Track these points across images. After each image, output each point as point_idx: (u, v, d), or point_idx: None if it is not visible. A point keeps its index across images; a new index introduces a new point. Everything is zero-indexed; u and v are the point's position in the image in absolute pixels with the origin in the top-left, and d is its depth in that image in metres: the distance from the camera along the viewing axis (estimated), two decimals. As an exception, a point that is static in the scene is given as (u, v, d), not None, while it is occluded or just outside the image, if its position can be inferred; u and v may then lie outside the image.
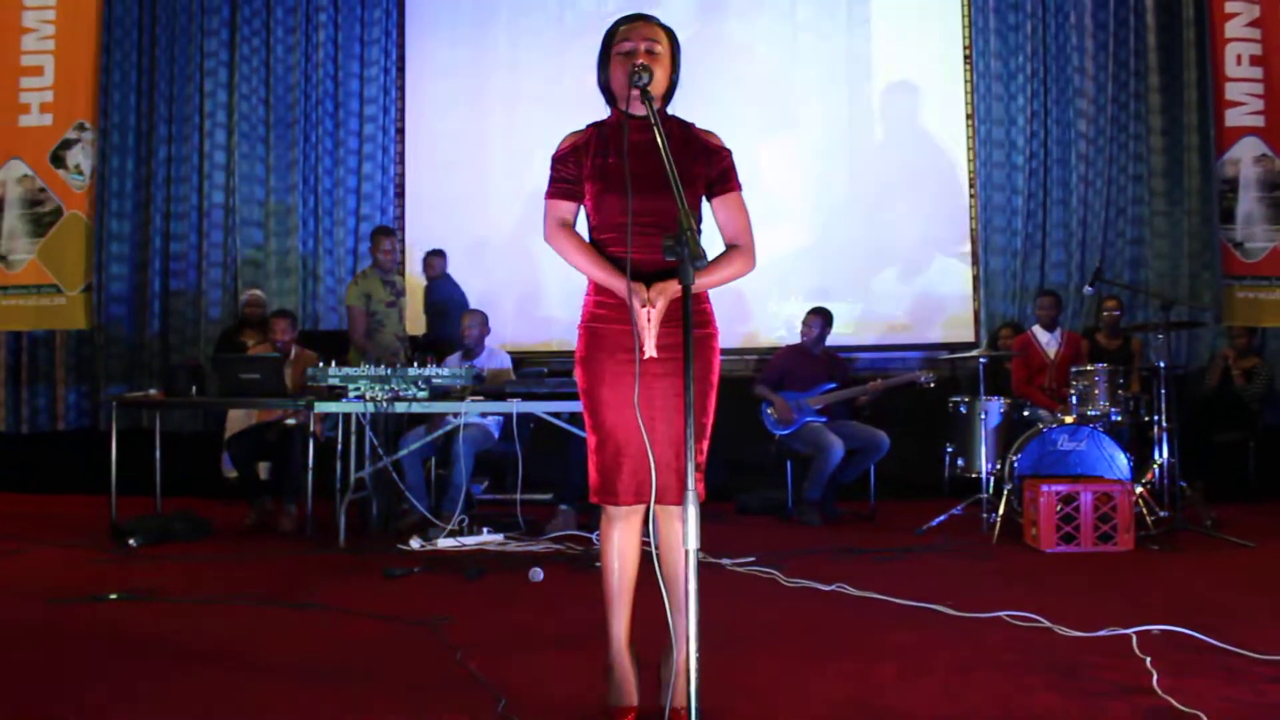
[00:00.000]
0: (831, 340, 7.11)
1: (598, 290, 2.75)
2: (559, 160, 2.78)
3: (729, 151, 2.80)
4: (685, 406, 2.22)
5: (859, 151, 8.69)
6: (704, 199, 2.79)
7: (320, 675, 3.25)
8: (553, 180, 2.78)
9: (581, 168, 2.74)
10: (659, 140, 2.44)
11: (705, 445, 2.74)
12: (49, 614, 4.10)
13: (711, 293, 2.82)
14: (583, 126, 2.81)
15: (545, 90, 8.65)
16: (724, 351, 2.87)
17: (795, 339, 7.10)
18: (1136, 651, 3.35)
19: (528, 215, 8.31)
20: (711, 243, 2.72)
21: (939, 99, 8.60)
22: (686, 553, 2.19)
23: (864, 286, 8.57)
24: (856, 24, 8.69)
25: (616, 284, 2.64)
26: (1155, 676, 3.06)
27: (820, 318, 6.95)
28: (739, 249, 2.76)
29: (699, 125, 2.82)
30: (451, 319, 7.39)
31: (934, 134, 8.61)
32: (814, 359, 6.91)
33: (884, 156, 8.66)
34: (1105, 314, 7.34)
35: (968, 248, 8.54)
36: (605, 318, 2.72)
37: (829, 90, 8.72)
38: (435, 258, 8.04)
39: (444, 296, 7.84)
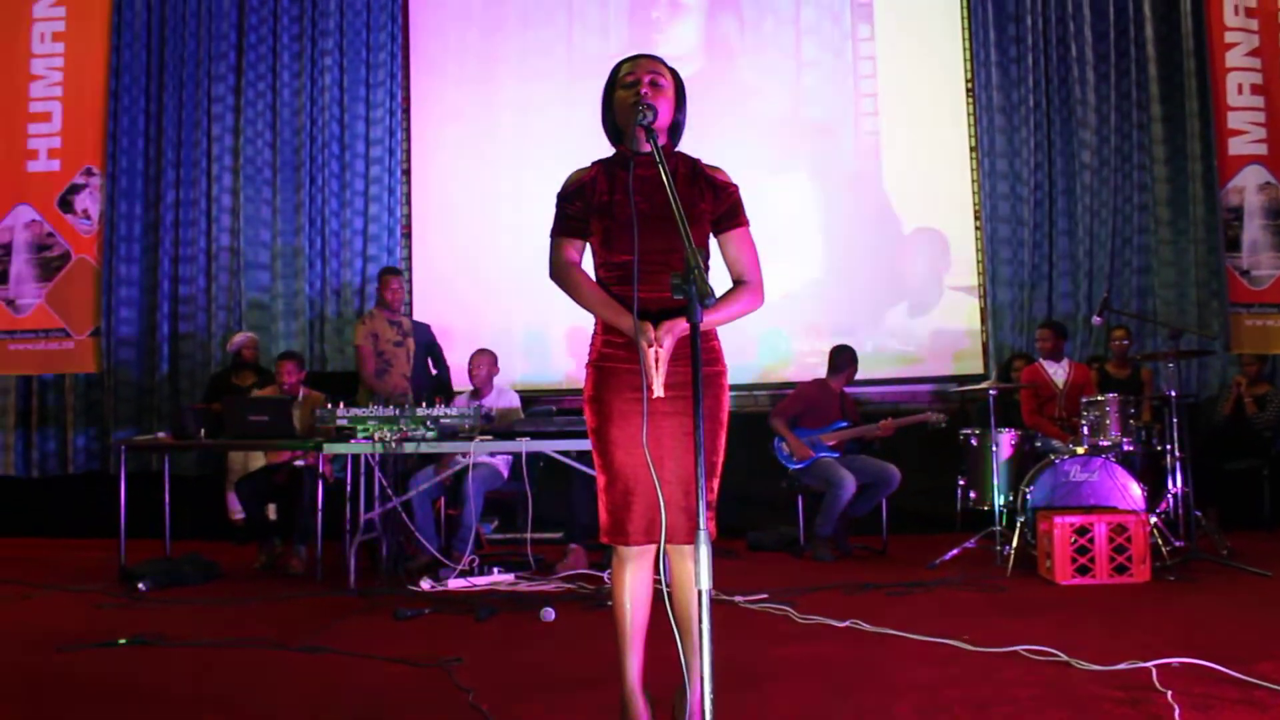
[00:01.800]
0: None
1: (606, 329, 2.73)
2: (564, 198, 2.77)
3: (736, 187, 2.79)
4: (695, 445, 2.20)
5: (865, 186, 8.71)
6: (711, 235, 2.78)
7: (332, 719, 3.22)
8: (558, 218, 2.77)
9: (587, 205, 2.73)
10: (664, 177, 2.43)
11: (716, 483, 2.72)
12: (57, 661, 4.07)
13: (720, 329, 2.81)
14: (588, 164, 2.81)
15: (551, 130, 8.68)
16: (735, 388, 2.86)
17: (805, 375, 7.07)
18: (1157, 685, 3.30)
19: (535, 254, 8.32)
20: (720, 279, 2.72)
21: (943, 132, 8.64)
22: (699, 593, 2.16)
23: (873, 321, 8.56)
24: (861, 60, 8.74)
25: (623, 322, 2.63)
26: (1177, 711, 3.02)
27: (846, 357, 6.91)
28: (747, 285, 2.75)
29: (706, 162, 2.82)
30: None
31: (939, 167, 8.63)
32: (831, 396, 6.86)
33: (890, 191, 8.67)
34: (1114, 344, 7.32)
35: (975, 280, 8.54)
36: (614, 356, 2.71)
37: (835, 126, 8.75)
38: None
39: None
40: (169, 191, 9.01)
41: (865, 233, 8.68)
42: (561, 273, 2.75)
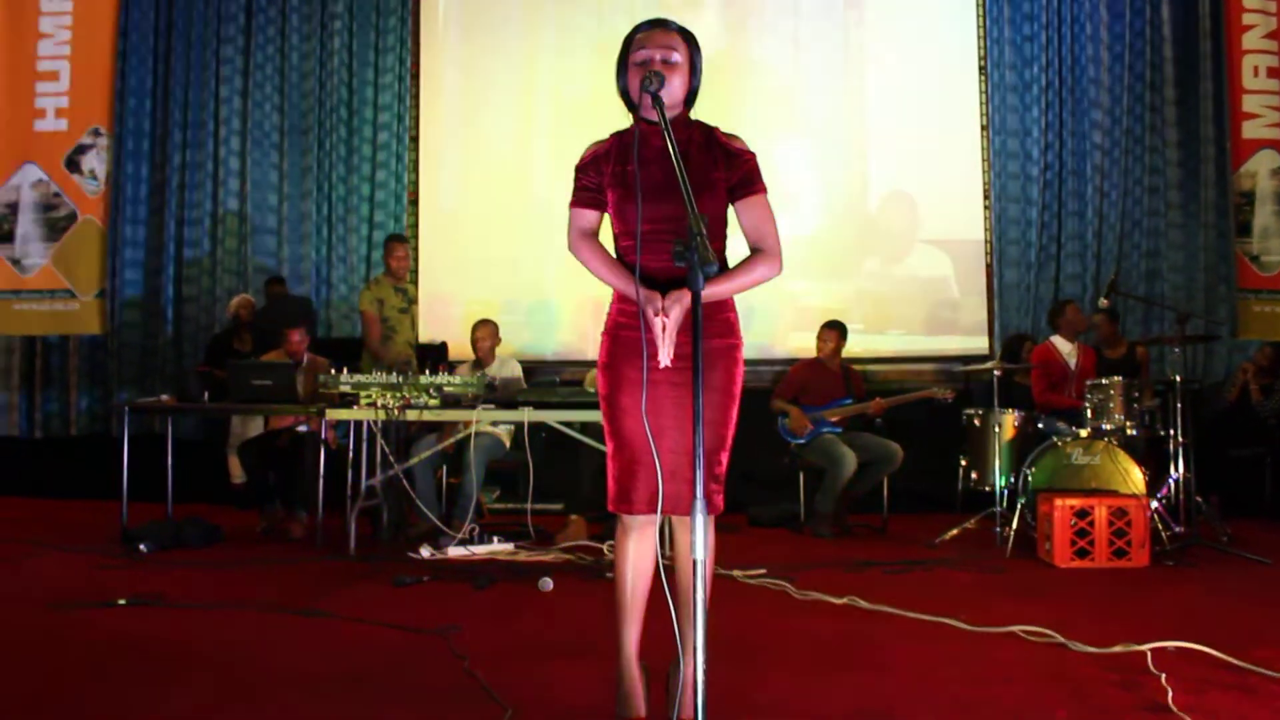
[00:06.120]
0: (846, 353, 7.07)
1: (621, 298, 2.74)
2: (581, 169, 2.77)
3: (753, 155, 2.75)
4: (694, 415, 2.19)
5: (874, 163, 8.65)
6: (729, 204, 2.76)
7: (328, 684, 3.23)
8: (576, 189, 2.78)
9: (602, 176, 2.73)
10: (670, 146, 2.41)
11: (725, 457, 2.71)
12: (53, 620, 4.09)
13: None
14: (605, 136, 2.80)
15: (559, 99, 8.64)
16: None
17: (810, 353, 7.07)
18: (1151, 668, 3.30)
19: (541, 224, 8.26)
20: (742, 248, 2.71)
21: (954, 110, 8.57)
22: (695, 563, 2.16)
23: (879, 299, 8.53)
24: (871, 37, 8.67)
25: (632, 292, 2.62)
26: (1170, 694, 3.02)
27: (835, 331, 6.91)
28: (763, 253, 2.72)
29: (725, 130, 2.79)
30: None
31: (949, 145, 8.56)
32: (830, 373, 6.87)
33: (899, 168, 8.61)
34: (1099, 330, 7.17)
35: (982, 259, 8.50)
36: (627, 325, 2.71)
37: (845, 103, 8.69)
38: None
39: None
40: (175, 153, 8.98)
41: (873, 209, 8.64)
42: (577, 244, 2.77)
